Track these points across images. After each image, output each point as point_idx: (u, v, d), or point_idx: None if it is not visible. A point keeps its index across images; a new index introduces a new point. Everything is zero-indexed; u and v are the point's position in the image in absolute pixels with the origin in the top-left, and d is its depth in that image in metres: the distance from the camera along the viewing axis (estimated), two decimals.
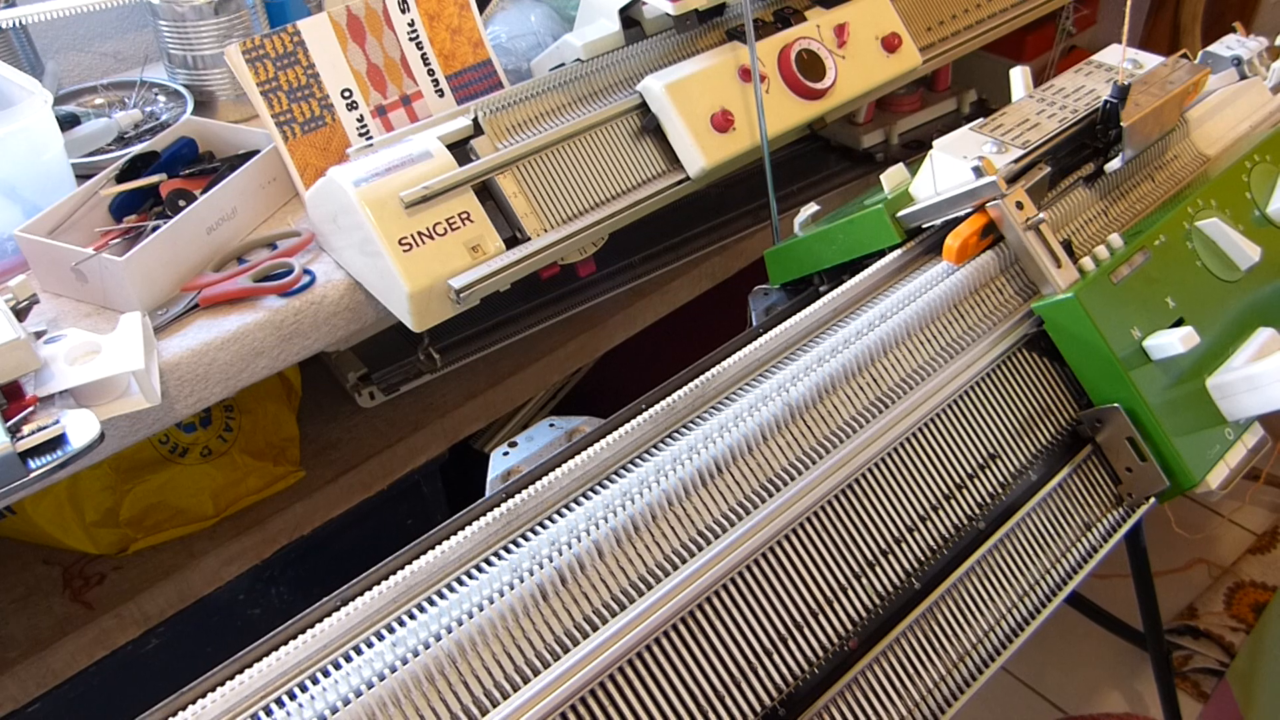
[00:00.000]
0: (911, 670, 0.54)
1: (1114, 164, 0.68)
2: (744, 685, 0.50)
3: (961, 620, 0.56)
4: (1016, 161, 0.64)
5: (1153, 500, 0.63)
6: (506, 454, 0.70)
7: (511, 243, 0.76)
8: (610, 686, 0.48)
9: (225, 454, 0.94)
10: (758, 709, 0.50)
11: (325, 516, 1.01)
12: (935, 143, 0.71)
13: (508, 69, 0.92)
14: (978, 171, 0.62)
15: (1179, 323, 0.63)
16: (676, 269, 1.14)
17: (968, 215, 0.63)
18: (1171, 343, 0.60)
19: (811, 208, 0.79)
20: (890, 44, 0.91)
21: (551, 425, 0.71)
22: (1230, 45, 0.85)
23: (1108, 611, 1.23)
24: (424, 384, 1.06)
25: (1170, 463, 0.60)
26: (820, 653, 0.52)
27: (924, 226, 0.68)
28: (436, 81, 0.87)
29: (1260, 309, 0.67)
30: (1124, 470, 0.62)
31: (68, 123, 0.87)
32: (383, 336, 0.99)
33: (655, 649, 0.49)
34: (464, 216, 0.74)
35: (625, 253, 1.12)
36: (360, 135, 0.83)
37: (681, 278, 1.15)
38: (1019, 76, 0.80)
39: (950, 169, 0.65)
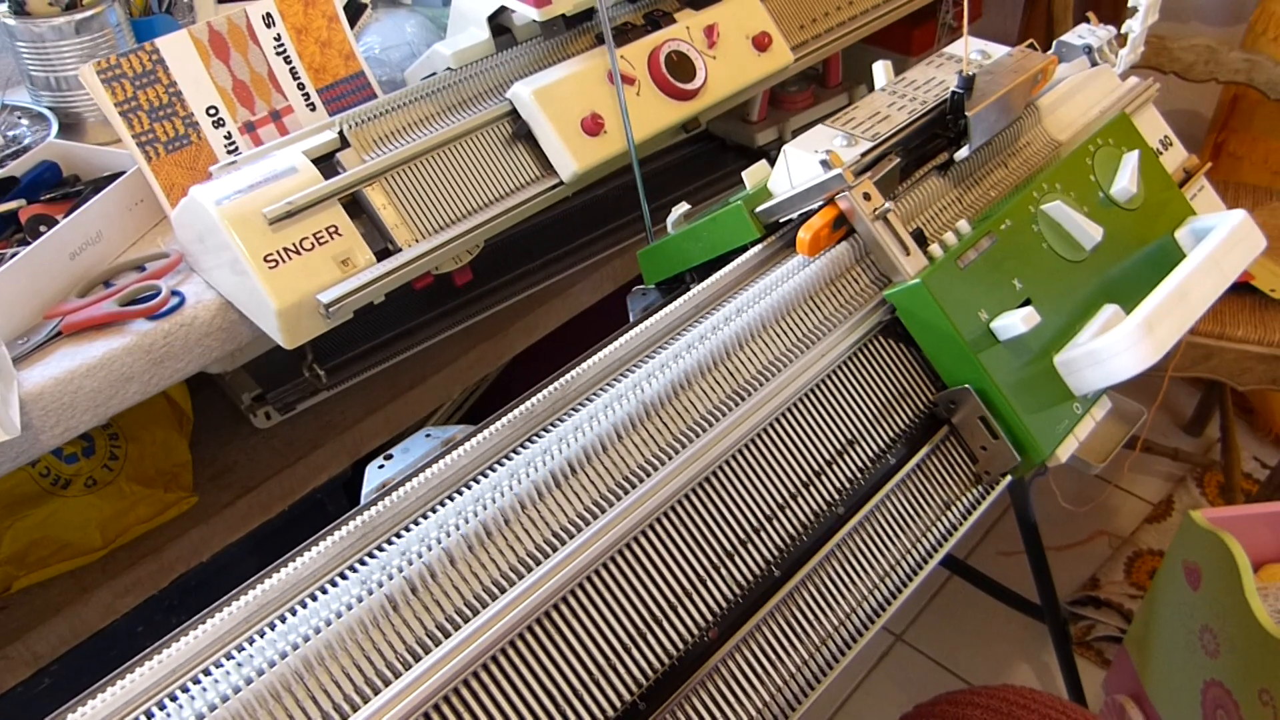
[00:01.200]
0: (774, 655, 0.55)
1: (962, 153, 0.70)
2: (602, 682, 0.51)
3: (823, 604, 0.58)
4: (865, 154, 0.66)
5: (1009, 477, 0.65)
6: (382, 466, 0.69)
7: (383, 255, 0.76)
8: (465, 692, 0.48)
9: (112, 483, 0.92)
10: (617, 704, 0.51)
11: (224, 541, 0.99)
12: (797, 138, 0.72)
13: (382, 80, 0.91)
14: (825, 165, 0.64)
15: (1027, 303, 0.65)
16: (576, 274, 1.14)
17: (820, 208, 0.65)
18: (1014, 323, 0.62)
19: (683, 206, 0.80)
20: (760, 43, 0.93)
21: (428, 435, 0.71)
22: (1082, 34, 0.89)
23: (1012, 589, 1.26)
24: (322, 401, 1.04)
25: (1021, 439, 0.62)
26: (681, 645, 0.53)
27: (781, 221, 0.69)
28: (307, 95, 0.86)
29: (1105, 287, 0.69)
30: (979, 449, 0.64)
31: None
32: (276, 355, 0.98)
33: (511, 651, 0.49)
34: (331, 230, 0.74)
35: (520, 260, 1.13)
36: (229, 152, 0.82)
37: (583, 282, 1.16)
38: (880, 70, 0.82)
39: (802, 163, 0.67)
